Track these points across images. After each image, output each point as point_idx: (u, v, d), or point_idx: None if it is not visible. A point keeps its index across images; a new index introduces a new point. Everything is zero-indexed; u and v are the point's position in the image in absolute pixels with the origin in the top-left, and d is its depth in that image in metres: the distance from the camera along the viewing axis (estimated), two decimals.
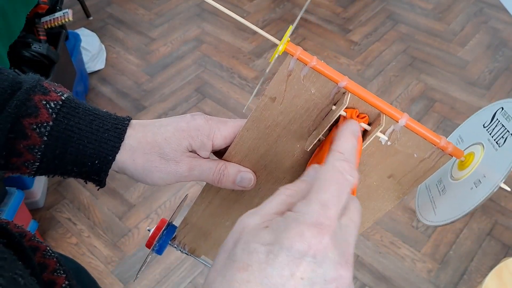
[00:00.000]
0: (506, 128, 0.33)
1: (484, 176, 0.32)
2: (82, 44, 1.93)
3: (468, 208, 0.32)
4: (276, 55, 0.31)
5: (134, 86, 2.01)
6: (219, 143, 0.38)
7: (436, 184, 0.38)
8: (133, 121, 0.40)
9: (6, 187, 1.26)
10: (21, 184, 1.41)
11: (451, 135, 0.42)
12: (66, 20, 1.61)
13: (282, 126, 0.35)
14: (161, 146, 0.38)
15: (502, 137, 0.33)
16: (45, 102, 0.36)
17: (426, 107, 1.91)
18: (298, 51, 0.31)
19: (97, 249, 1.47)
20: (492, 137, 0.35)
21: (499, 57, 2.13)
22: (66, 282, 0.38)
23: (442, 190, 0.37)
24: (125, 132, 0.38)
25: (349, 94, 0.31)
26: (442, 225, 0.33)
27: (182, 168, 0.38)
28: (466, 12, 2.38)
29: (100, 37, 2.13)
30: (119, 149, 0.38)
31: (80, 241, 1.48)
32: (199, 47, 2.19)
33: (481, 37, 2.23)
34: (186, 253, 0.47)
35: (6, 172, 0.39)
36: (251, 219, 0.28)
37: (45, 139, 0.36)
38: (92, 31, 2.14)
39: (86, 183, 0.41)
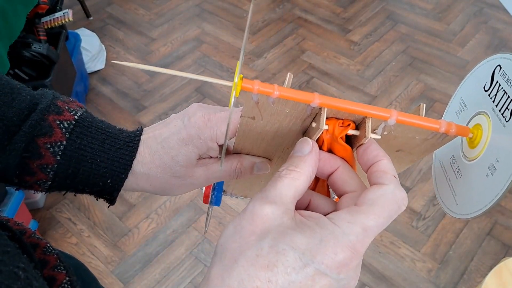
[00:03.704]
0: (509, 96, 0.32)
1: (498, 161, 0.31)
2: (82, 44, 1.93)
3: (489, 202, 0.31)
4: (233, 99, 0.29)
5: (134, 86, 2.01)
6: (223, 141, 0.39)
7: (450, 163, 0.37)
8: (140, 144, 0.39)
9: (6, 187, 1.26)
10: None
11: (452, 98, 0.40)
12: (66, 20, 1.61)
13: (274, 130, 0.34)
14: (171, 167, 0.39)
15: (507, 108, 0.32)
16: (58, 122, 0.37)
17: (426, 107, 1.90)
18: (256, 86, 0.29)
19: (97, 249, 1.47)
20: (497, 106, 0.33)
21: None
22: (67, 278, 0.39)
23: (457, 172, 0.35)
24: (136, 150, 0.39)
25: (325, 110, 0.30)
26: (465, 219, 0.33)
27: (199, 180, 0.40)
28: (466, 12, 2.39)
29: (100, 37, 2.13)
30: (131, 167, 0.39)
31: (80, 241, 1.49)
32: (199, 47, 2.19)
33: (481, 37, 2.23)
34: (241, 198, 0.49)
35: (18, 188, 0.40)
36: (274, 209, 0.27)
37: (58, 158, 0.37)
38: (92, 31, 2.15)
39: (97, 199, 0.42)
